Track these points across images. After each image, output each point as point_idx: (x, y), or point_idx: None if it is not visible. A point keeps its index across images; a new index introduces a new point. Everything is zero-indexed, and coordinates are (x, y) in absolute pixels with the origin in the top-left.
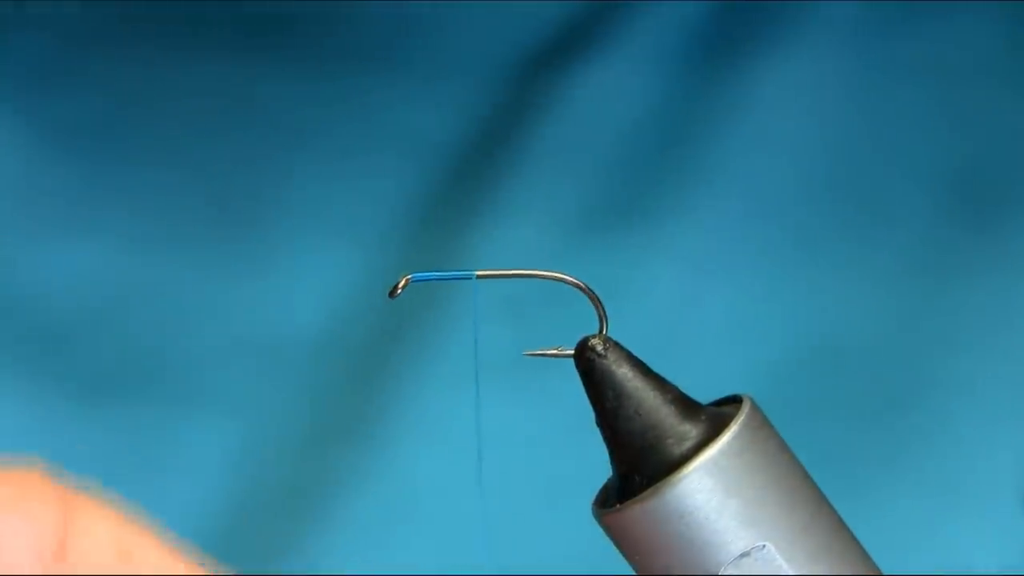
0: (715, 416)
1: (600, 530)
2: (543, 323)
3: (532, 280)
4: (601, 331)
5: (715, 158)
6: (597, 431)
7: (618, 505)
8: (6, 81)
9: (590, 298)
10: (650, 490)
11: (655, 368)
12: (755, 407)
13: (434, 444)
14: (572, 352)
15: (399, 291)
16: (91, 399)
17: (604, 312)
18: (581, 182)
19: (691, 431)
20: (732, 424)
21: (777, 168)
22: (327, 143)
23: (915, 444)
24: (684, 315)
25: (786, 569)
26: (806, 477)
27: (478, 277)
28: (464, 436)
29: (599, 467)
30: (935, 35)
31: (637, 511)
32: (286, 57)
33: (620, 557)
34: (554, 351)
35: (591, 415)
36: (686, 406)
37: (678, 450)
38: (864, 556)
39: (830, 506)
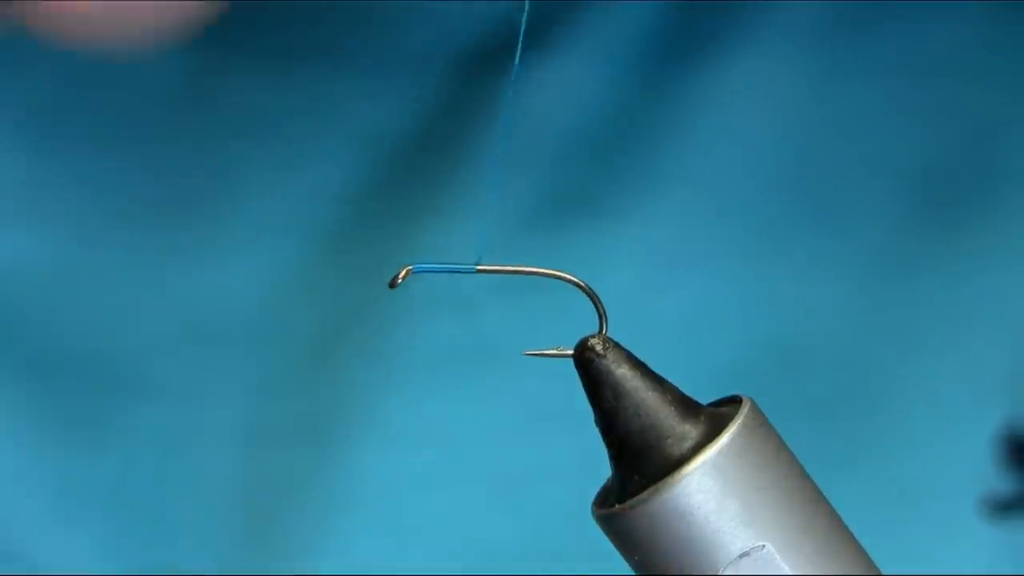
0: (714, 416)
1: (599, 529)
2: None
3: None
4: (601, 331)
5: (676, 155)
6: (594, 428)
7: (617, 505)
8: None
9: (590, 297)
10: (649, 490)
11: (655, 365)
12: (755, 407)
13: (382, 438)
14: (571, 352)
15: (399, 281)
16: (34, 384)
17: (604, 312)
18: (537, 178)
19: (691, 431)
20: (731, 424)
21: (739, 165)
22: (276, 134)
23: (874, 445)
24: (642, 312)
25: (785, 569)
26: (805, 477)
27: (478, 271)
28: (411, 431)
29: (599, 468)
30: (898, 33)
31: (636, 511)
32: (238, 47)
33: (619, 557)
34: (554, 351)
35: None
36: (686, 406)
37: (678, 450)
38: (862, 555)
39: (829, 506)
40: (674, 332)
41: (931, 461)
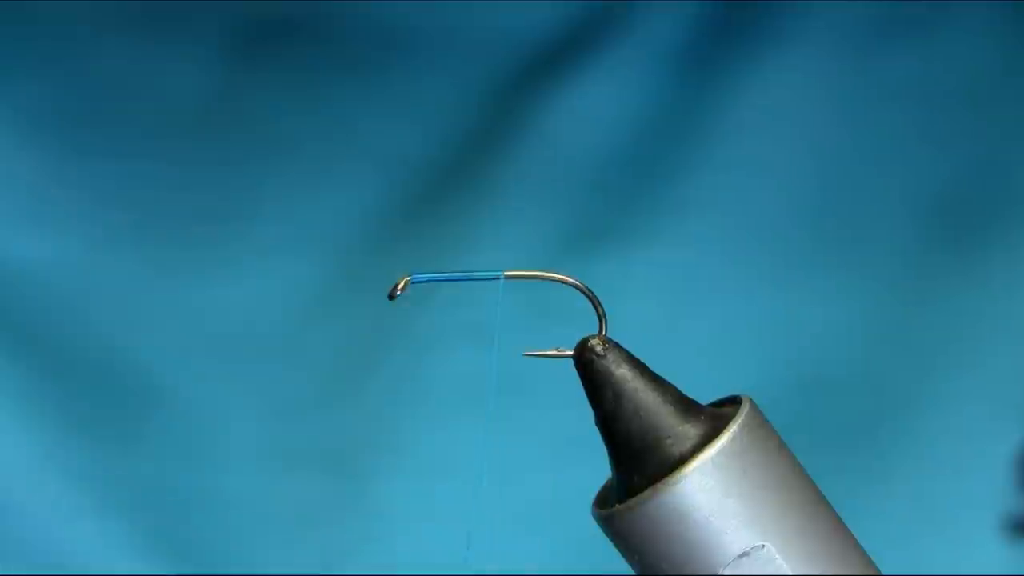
0: (714, 416)
1: (599, 530)
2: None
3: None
4: (600, 332)
5: (695, 180)
6: (595, 431)
7: (618, 505)
8: None
9: (589, 299)
10: (649, 490)
11: (654, 365)
12: (754, 407)
13: (399, 462)
14: (571, 352)
15: (399, 292)
16: (57, 392)
17: (603, 313)
18: (559, 202)
19: (690, 431)
20: (731, 424)
21: (758, 189)
22: (301, 151)
23: (894, 463)
24: (664, 335)
25: (785, 569)
26: (805, 477)
27: (483, 279)
28: (432, 456)
29: (597, 468)
30: (922, 57)
31: (636, 512)
32: (266, 63)
33: (620, 557)
34: (554, 351)
35: (590, 415)
36: (685, 406)
37: (677, 450)
38: (862, 556)
39: (829, 506)
40: (696, 354)
41: (951, 480)
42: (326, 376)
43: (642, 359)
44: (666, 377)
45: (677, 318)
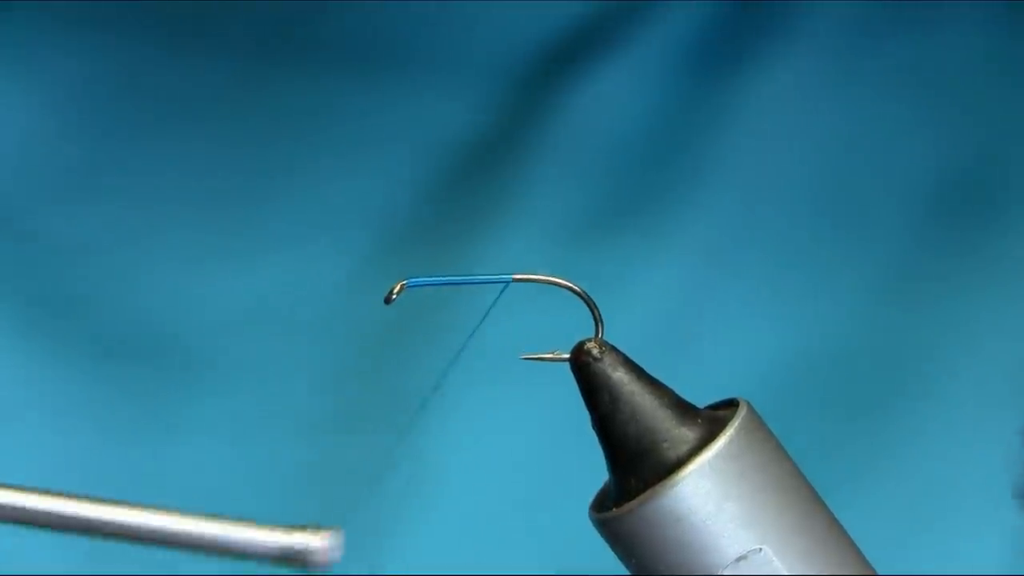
0: (711, 420)
1: (596, 533)
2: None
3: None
4: (597, 335)
5: (706, 167)
6: (592, 434)
7: (614, 509)
8: (26, 46)
9: (585, 302)
10: (646, 494)
11: (651, 369)
12: (751, 411)
13: (450, 425)
14: (568, 356)
15: (394, 297)
16: (103, 364)
17: (599, 316)
18: (577, 186)
19: (687, 434)
20: (728, 428)
21: (766, 177)
22: (341, 129)
23: (894, 462)
24: (677, 318)
25: (782, 571)
26: (802, 480)
27: (471, 283)
28: (482, 421)
29: (596, 469)
30: (922, 46)
31: (633, 515)
32: (304, 47)
33: (617, 560)
34: (550, 355)
35: (586, 417)
36: (682, 410)
37: (674, 454)
38: (859, 557)
39: (825, 508)
40: (710, 338)
41: (951, 480)
42: (379, 344)
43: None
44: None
45: (677, 318)
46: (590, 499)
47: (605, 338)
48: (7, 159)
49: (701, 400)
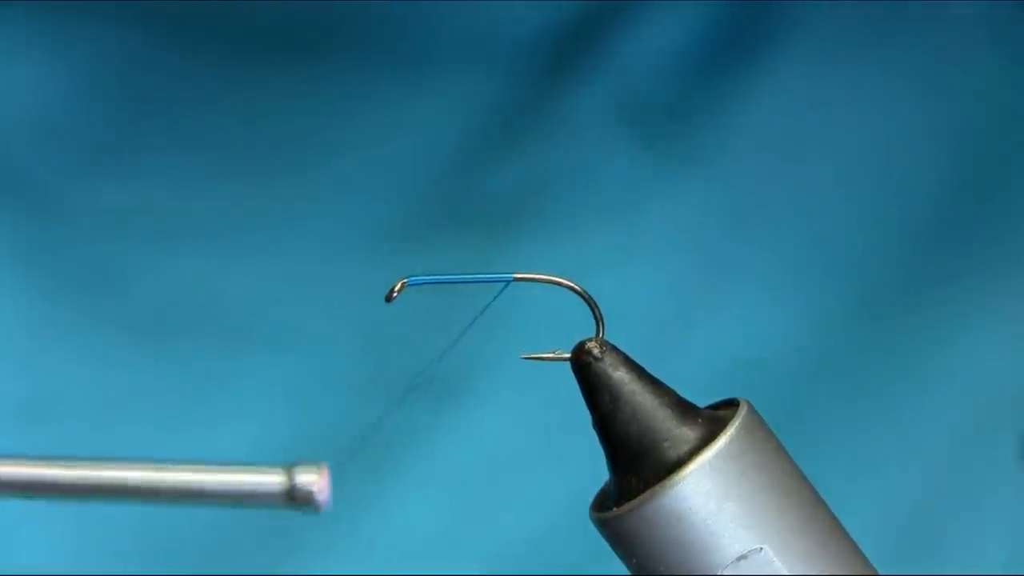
0: (712, 419)
1: (596, 533)
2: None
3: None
4: (597, 334)
5: (706, 166)
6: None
7: (615, 508)
8: (68, 22)
9: (587, 302)
10: (647, 493)
11: (651, 369)
12: (752, 410)
13: (497, 388)
14: (569, 355)
15: (395, 295)
16: (145, 335)
17: (600, 315)
18: (576, 186)
19: (688, 434)
20: (729, 427)
21: (766, 176)
22: (383, 94)
23: (894, 462)
24: (677, 317)
25: (783, 571)
26: (802, 479)
27: (476, 282)
28: (482, 421)
29: (596, 469)
30: (923, 47)
31: (634, 514)
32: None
33: (617, 559)
34: (551, 354)
35: (586, 417)
36: (683, 409)
37: (675, 453)
38: (860, 556)
39: (826, 507)
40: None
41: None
42: (420, 308)
43: (640, 361)
44: (663, 380)
45: (677, 318)
46: (590, 499)
47: (606, 337)
48: (40, 138)
49: (701, 400)
